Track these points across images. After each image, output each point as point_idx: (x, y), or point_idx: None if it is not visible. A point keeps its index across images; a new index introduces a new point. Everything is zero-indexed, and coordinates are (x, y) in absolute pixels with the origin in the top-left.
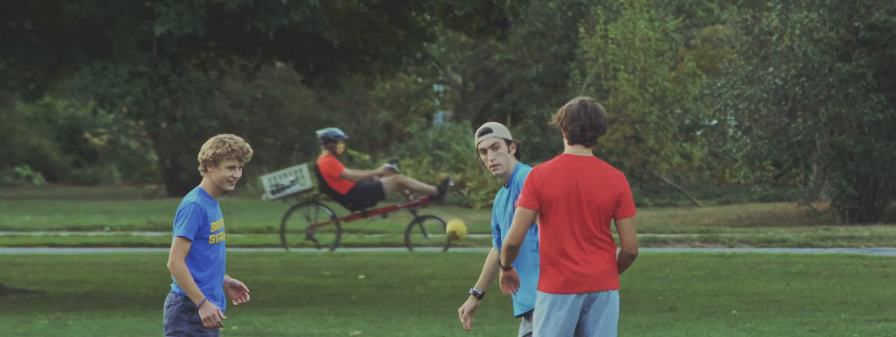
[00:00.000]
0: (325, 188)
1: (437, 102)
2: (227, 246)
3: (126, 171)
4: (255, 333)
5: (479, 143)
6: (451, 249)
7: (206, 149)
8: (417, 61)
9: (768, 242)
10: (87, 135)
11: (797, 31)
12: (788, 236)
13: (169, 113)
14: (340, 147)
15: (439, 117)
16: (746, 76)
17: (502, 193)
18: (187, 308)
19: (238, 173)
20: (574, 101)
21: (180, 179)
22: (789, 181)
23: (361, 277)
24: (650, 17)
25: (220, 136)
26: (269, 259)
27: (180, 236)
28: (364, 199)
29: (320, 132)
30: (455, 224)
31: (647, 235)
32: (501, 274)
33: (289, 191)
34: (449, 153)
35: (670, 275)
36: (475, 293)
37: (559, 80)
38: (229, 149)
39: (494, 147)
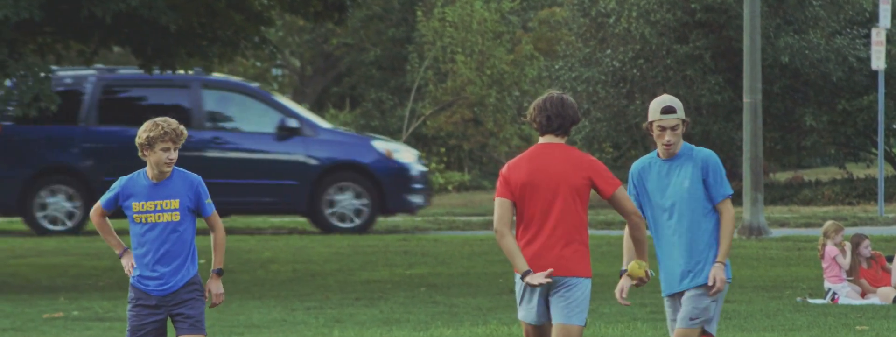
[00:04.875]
0: None
1: (276, 87)
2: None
3: None
4: (95, 317)
5: (660, 120)
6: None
7: (141, 133)
8: (255, 45)
9: (608, 224)
10: None
11: (634, 13)
12: None
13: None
14: None
15: None
16: (584, 58)
17: (655, 163)
18: (130, 291)
19: (174, 155)
20: (543, 95)
21: None
22: (628, 164)
23: (202, 261)
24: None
25: (154, 119)
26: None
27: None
28: None
29: None
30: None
31: (486, 217)
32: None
33: None
34: None
35: None
36: (621, 272)
37: (397, 63)
38: (162, 131)
39: (674, 129)
